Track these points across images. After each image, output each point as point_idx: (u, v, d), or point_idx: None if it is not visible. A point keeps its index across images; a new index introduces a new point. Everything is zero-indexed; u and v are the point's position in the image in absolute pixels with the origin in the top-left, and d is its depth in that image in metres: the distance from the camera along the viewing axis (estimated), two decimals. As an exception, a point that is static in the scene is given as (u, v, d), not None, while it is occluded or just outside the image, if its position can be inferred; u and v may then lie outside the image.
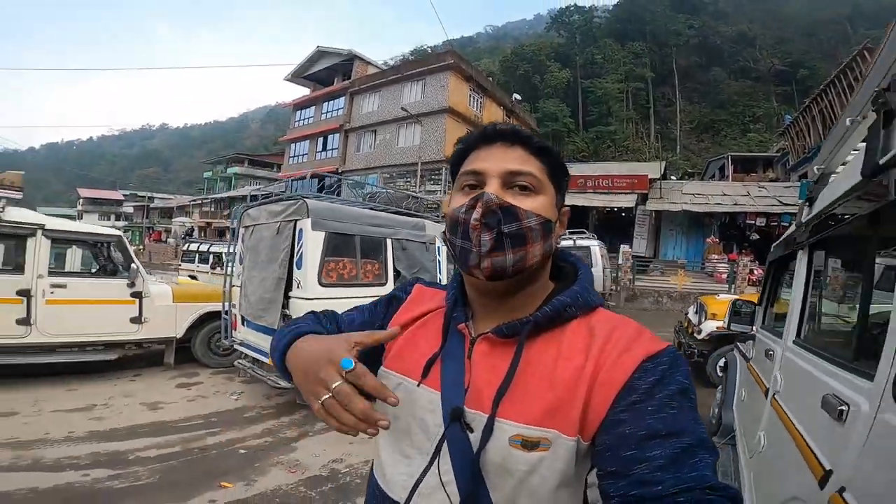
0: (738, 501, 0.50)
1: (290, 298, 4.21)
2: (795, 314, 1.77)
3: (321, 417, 0.56)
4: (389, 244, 4.88)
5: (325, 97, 28.76)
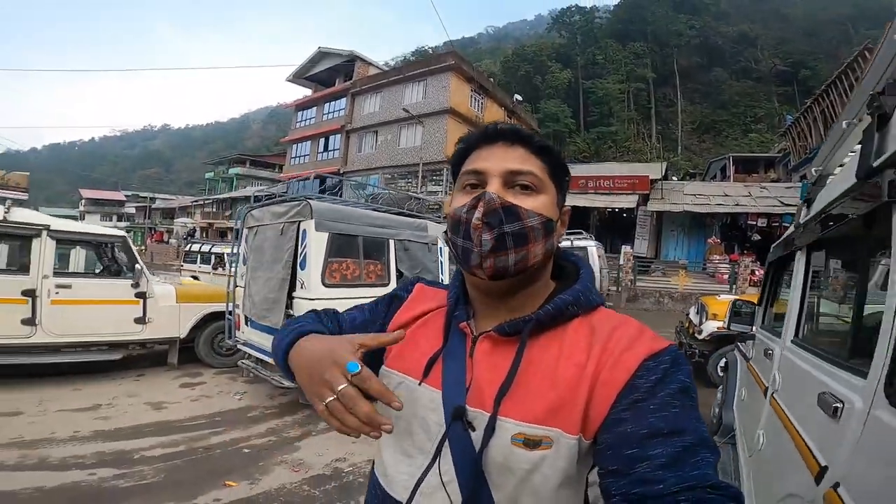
0: (739, 500, 0.50)
1: (293, 299, 4.24)
2: (794, 314, 1.79)
3: (324, 418, 0.56)
4: (392, 245, 4.91)
5: (326, 98, 28.81)
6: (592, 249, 11.19)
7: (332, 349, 0.60)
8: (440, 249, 5.44)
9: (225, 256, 12.03)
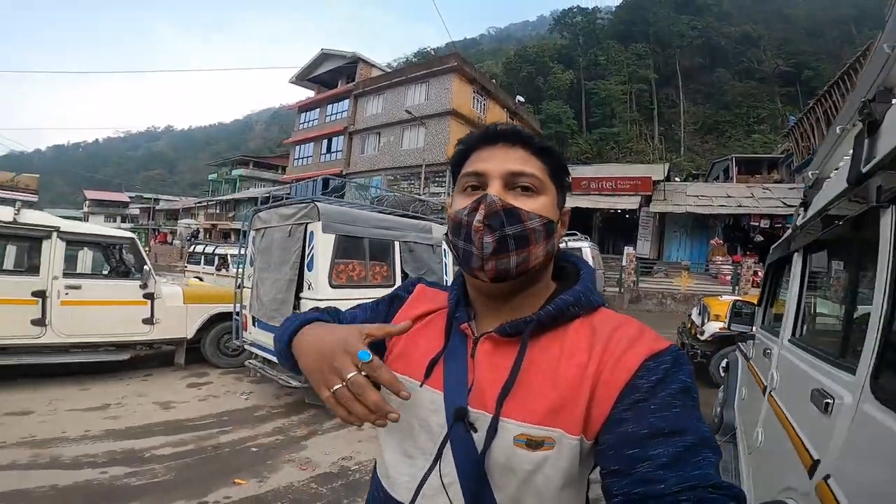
0: (741, 500, 0.50)
1: (301, 299, 4.30)
2: (791, 314, 1.84)
3: (330, 406, 0.57)
4: (397, 247, 4.97)
5: (329, 99, 28.86)
6: (587, 250, 11.20)
7: (342, 337, 0.61)
8: (444, 251, 5.49)
9: (228, 258, 12.12)
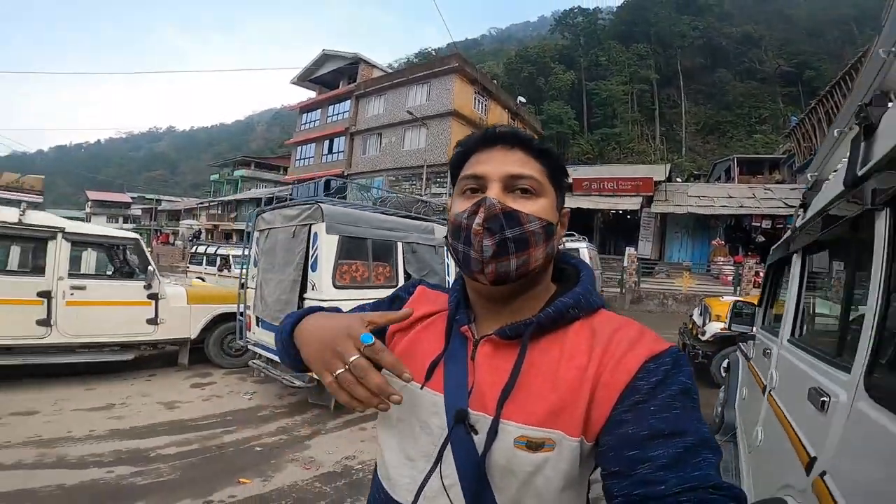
0: (741, 501, 0.50)
1: (304, 300, 4.32)
2: (790, 314, 1.86)
3: (332, 390, 0.57)
4: (400, 247, 5.00)
5: (330, 100, 28.91)
6: (584, 251, 11.23)
7: (346, 324, 0.62)
8: (447, 252, 5.52)
9: (230, 258, 12.15)
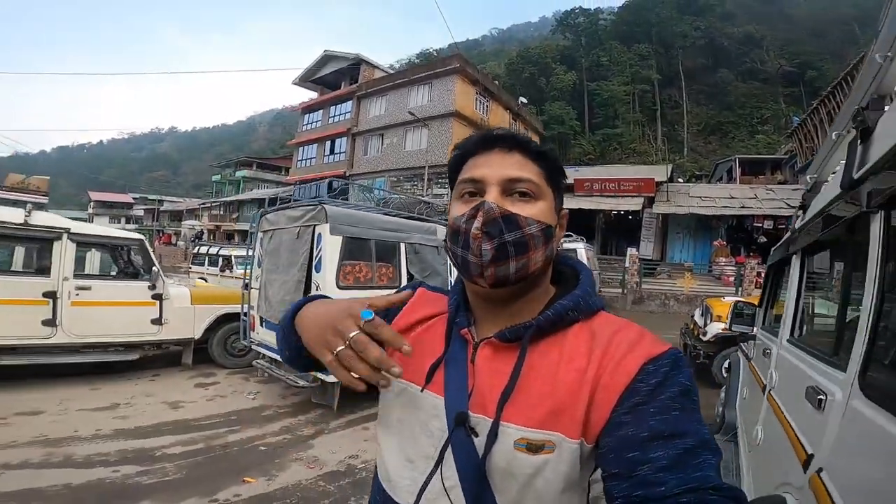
0: (741, 502, 0.50)
1: (308, 300, 4.35)
2: (789, 315, 1.88)
3: (332, 369, 0.58)
4: (403, 248, 5.03)
5: (332, 101, 28.98)
6: (581, 251, 11.23)
7: (346, 305, 0.63)
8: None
9: (232, 259, 12.20)
